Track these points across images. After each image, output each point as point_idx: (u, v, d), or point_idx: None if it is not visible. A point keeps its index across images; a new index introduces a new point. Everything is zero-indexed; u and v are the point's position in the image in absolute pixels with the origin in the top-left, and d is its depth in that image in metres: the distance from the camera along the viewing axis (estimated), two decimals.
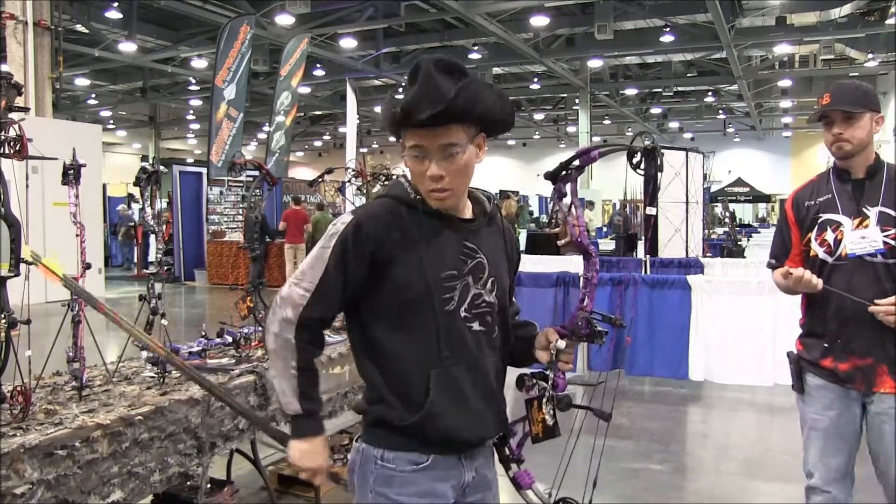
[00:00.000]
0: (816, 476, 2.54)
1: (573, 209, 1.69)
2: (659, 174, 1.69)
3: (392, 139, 1.81)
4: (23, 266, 2.25)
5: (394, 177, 4.51)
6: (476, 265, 1.70)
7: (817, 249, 2.50)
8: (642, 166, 1.72)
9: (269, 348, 1.72)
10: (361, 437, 1.72)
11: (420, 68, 1.58)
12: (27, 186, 2.31)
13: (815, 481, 2.55)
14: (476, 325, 1.70)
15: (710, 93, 26.35)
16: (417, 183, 1.66)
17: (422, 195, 1.67)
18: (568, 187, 1.71)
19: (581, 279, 1.75)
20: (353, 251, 1.62)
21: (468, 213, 1.75)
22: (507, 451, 1.80)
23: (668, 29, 16.68)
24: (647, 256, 8.07)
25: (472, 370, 1.69)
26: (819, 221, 2.51)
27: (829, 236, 2.48)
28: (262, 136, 29.57)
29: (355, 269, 1.63)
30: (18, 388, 2.27)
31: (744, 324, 5.76)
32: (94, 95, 26.10)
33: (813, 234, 2.52)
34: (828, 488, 2.51)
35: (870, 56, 19.06)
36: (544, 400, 1.74)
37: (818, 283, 2.41)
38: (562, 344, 1.71)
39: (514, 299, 1.93)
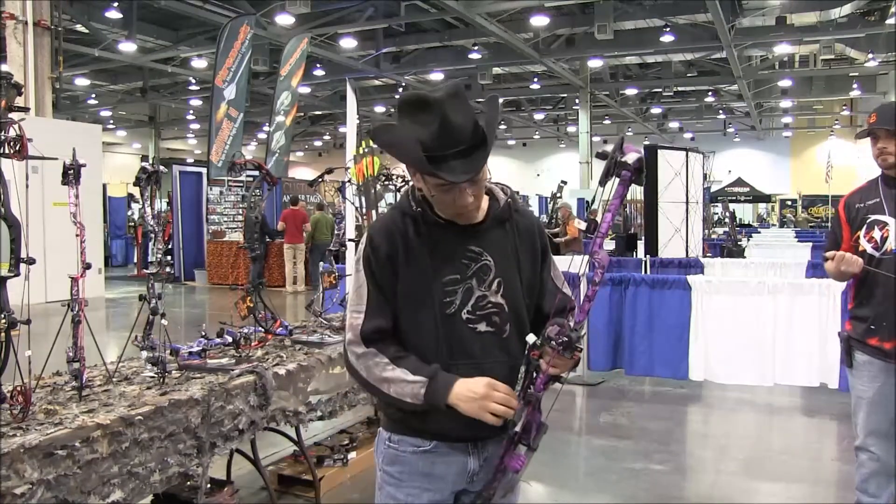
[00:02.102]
0: (862, 437, 2.97)
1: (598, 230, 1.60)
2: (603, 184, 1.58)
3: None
4: (23, 266, 2.25)
5: (394, 177, 4.51)
6: (481, 268, 1.73)
7: (865, 245, 2.93)
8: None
9: (364, 377, 1.72)
10: (381, 420, 1.85)
11: (449, 123, 1.57)
12: (27, 186, 2.31)
13: (860, 441, 2.98)
14: (482, 326, 1.73)
15: (710, 93, 26.33)
16: (443, 208, 1.70)
17: (423, 207, 1.73)
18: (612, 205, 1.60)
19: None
20: (376, 263, 1.71)
21: (480, 215, 1.76)
22: (522, 433, 1.70)
23: (668, 29, 16.67)
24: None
25: (476, 371, 1.70)
26: (868, 221, 2.93)
27: (877, 234, 2.90)
28: (262, 136, 29.58)
29: (385, 277, 1.71)
30: (18, 388, 2.27)
31: (744, 324, 5.76)
32: (94, 95, 26.09)
33: (862, 233, 2.95)
34: (871, 447, 2.93)
35: (870, 56, 19.06)
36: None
37: (857, 259, 2.82)
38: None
39: (562, 289, 1.86)
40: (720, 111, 30.01)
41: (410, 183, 1.77)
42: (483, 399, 1.61)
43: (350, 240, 5.04)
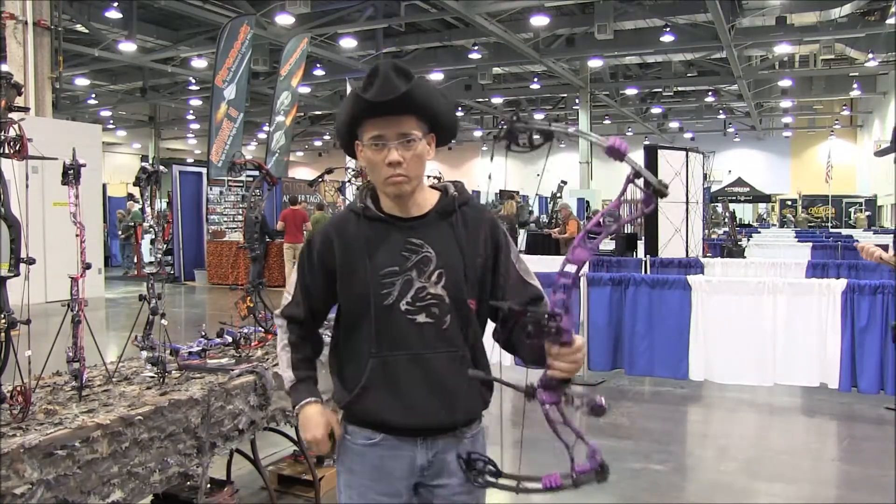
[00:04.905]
0: None
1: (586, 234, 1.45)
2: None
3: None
4: (23, 266, 2.25)
5: None
6: (421, 259, 1.75)
7: None
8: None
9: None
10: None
11: (378, 70, 1.68)
12: (27, 186, 2.31)
13: None
14: (421, 318, 1.73)
15: (710, 93, 26.36)
16: (374, 173, 1.74)
17: (366, 203, 1.80)
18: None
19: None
20: (307, 261, 1.86)
21: (425, 207, 1.80)
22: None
23: (668, 29, 16.69)
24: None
25: (415, 362, 1.72)
26: None
27: None
28: (262, 136, 29.61)
29: (313, 274, 1.86)
30: (18, 388, 2.27)
31: (744, 324, 5.76)
32: (94, 95, 26.12)
33: None
34: None
35: (870, 56, 19.09)
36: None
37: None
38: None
39: (530, 281, 1.82)
40: (720, 111, 30.05)
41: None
42: (309, 436, 1.82)
43: None
